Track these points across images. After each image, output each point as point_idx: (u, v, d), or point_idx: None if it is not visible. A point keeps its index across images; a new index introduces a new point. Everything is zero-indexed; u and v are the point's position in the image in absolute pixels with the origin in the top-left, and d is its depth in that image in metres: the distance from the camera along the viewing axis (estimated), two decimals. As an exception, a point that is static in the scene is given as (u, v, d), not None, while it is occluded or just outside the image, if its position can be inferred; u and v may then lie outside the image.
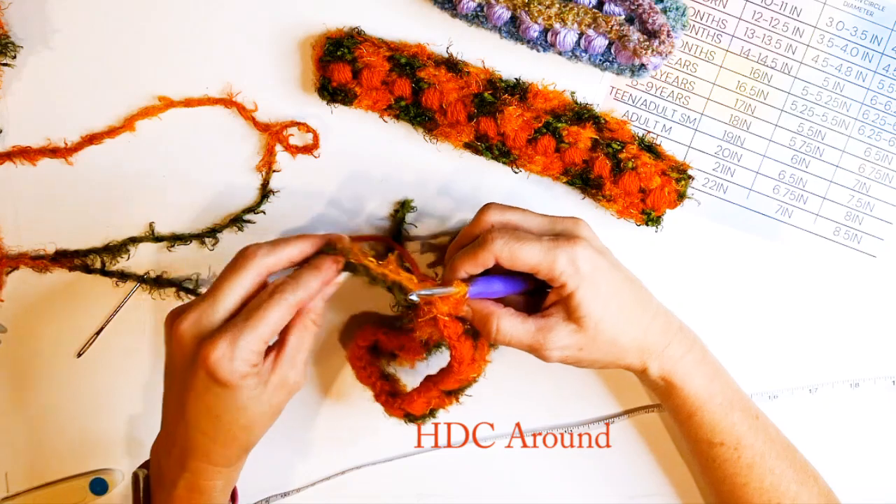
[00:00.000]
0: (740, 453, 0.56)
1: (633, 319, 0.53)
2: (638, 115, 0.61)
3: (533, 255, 0.51)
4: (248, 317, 0.49)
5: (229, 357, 0.48)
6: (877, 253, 0.62)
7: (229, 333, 0.48)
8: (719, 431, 0.56)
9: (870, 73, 0.60)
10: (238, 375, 0.48)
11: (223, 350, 0.48)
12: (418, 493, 0.66)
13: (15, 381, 0.64)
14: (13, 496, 0.65)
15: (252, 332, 0.48)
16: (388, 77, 0.58)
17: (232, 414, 0.50)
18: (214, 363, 0.48)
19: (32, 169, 0.61)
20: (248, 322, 0.49)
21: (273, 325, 0.49)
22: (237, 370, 0.48)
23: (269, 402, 0.51)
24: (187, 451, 0.52)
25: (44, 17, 0.59)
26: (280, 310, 0.49)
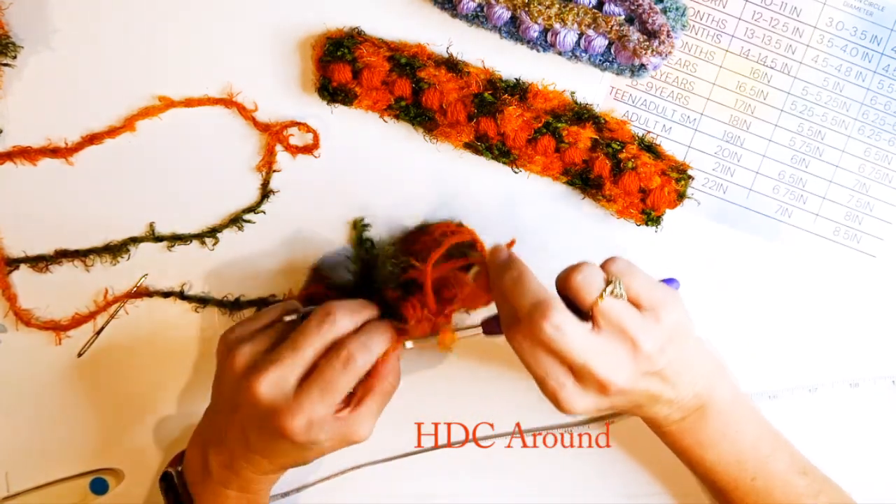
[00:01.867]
0: None
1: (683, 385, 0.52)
2: (638, 115, 0.61)
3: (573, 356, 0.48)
4: (323, 388, 0.51)
5: (307, 427, 0.51)
6: (877, 253, 0.62)
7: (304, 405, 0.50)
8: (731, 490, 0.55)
9: (870, 73, 0.60)
10: (310, 440, 0.51)
11: (302, 424, 0.50)
12: (418, 493, 0.66)
13: (15, 381, 0.64)
14: (13, 496, 0.65)
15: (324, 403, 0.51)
16: (388, 77, 0.58)
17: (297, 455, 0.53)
18: (293, 433, 0.50)
19: (32, 169, 0.61)
20: (323, 394, 0.51)
21: (344, 393, 0.52)
22: (313, 437, 0.51)
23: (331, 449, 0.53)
24: (240, 462, 0.54)
25: (44, 17, 0.59)
26: (350, 378, 0.51)
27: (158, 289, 0.62)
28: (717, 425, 0.54)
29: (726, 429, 0.54)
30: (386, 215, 0.62)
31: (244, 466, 0.54)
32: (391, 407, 0.64)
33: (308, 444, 0.51)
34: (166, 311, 0.63)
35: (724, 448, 0.54)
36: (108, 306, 0.62)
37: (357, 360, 0.52)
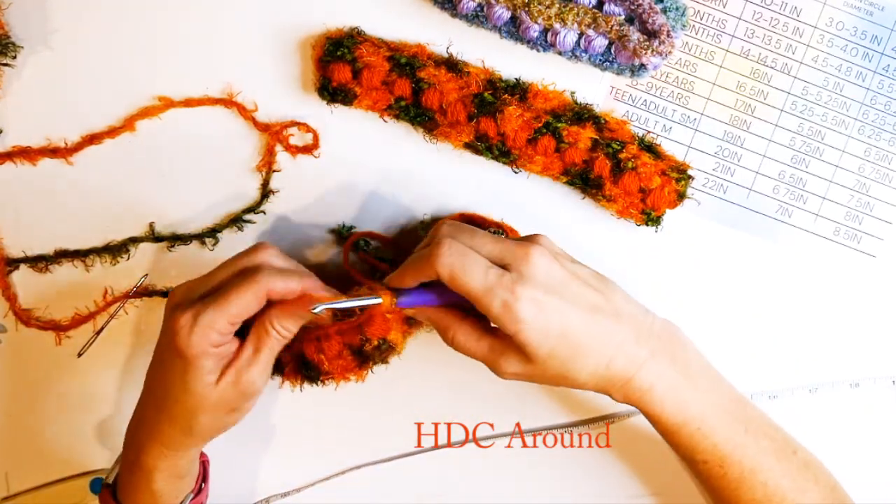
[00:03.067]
0: (726, 470, 0.54)
1: (589, 355, 0.51)
2: (638, 115, 0.61)
3: (471, 287, 0.49)
4: (217, 295, 0.50)
5: (190, 327, 0.49)
6: (877, 253, 0.62)
7: (196, 306, 0.50)
8: (700, 452, 0.54)
9: (870, 73, 0.60)
10: (193, 349, 0.50)
11: (187, 319, 0.49)
12: (418, 493, 0.66)
13: (15, 381, 0.64)
14: (13, 496, 0.65)
15: (217, 309, 0.49)
16: (388, 77, 0.58)
17: (180, 392, 0.51)
18: (176, 330, 0.49)
19: (32, 169, 0.61)
20: (216, 299, 0.50)
21: (241, 306, 0.50)
22: (193, 342, 0.49)
23: (221, 394, 0.51)
24: (140, 428, 0.54)
25: (44, 17, 0.59)
26: (248, 293, 0.50)
27: (158, 289, 0.62)
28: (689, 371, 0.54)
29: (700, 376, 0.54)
30: (385, 215, 0.62)
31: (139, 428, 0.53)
32: (391, 407, 0.64)
33: (194, 356, 0.49)
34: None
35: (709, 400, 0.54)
36: (107, 306, 0.62)
37: (259, 278, 0.50)
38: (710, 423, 0.53)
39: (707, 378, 0.54)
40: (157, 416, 0.53)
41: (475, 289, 0.49)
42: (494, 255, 0.51)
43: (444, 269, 0.49)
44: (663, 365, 0.52)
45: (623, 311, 0.52)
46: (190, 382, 0.51)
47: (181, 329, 0.49)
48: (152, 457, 0.53)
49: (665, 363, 0.53)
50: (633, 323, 0.52)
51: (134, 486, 0.55)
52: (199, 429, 0.53)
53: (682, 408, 0.53)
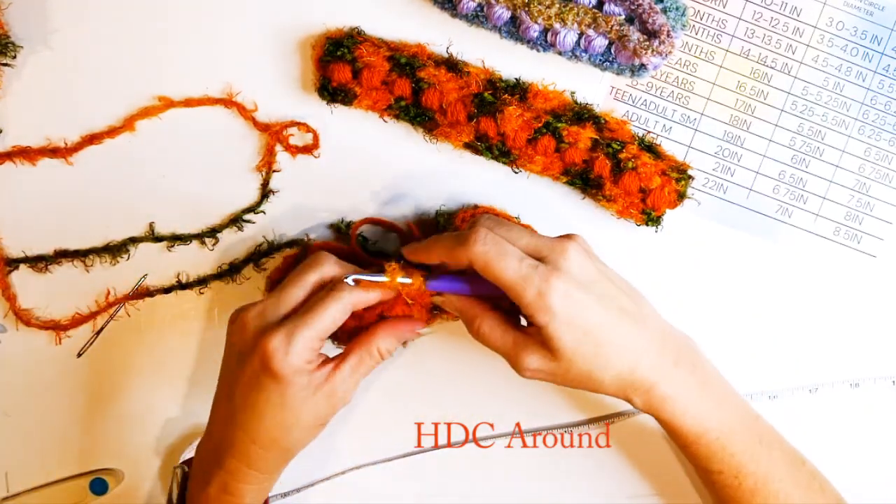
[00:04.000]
0: (741, 480, 0.54)
1: (615, 357, 0.51)
2: (638, 115, 0.61)
3: (506, 275, 0.49)
4: (306, 312, 0.51)
5: (285, 349, 0.50)
6: (877, 253, 0.62)
7: (287, 326, 0.50)
8: (717, 462, 0.54)
9: (870, 73, 0.60)
10: (291, 369, 0.50)
11: (280, 341, 0.50)
12: (418, 493, 0.66)
13: (15, 381, 0.64)
14: (13, 496, 0.65)
15: (308, 327, 0.50)
16: (388, 77, 0.58)
17: (276, 411, 0.51)
18: (270, 354, 0.50)
19: (32, 169, 0.61)
20: (305, 317, 0.50)
21: (329, 322, 0.51)
22: (291, 363, 0.50)
23: (315, 409, 0.52)
24: (226, 449, 0.53)
25: (44, 17, 0.59)
26: (336, 307, 0.51)
27: (158, 289, 0.62)
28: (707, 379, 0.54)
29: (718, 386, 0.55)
30: (385, 215, 0.62)
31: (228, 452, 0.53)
32: (391, 407, 0.64)
33: (290, 376, 0.50)
34: (166, 311, 0.63)
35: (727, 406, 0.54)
36: (108, 307, 0.62)
37: (343, 289, 0.51)
38: (728, 435, 0.53)
39: (724, 391, 0.55)
40: (250, 442, 0.52)
41: (510, 277, 0.49)
42: (530, 247, 0.51)
43: (479, 256, 0.50)
44: (685, 375, 0.53)
45: (649, 318, 0.52)
46: (288, 402, 0.51)
47: (276, 351, 0.50)
48: (241, 479, 0.53)
49: (686, 374, 0.53)
50: (658, 331, 0.52)
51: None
52: (292, 445, 0.53)
53: (701, 419, 0.53)
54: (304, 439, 0.54)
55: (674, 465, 0.65)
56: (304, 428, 0.52)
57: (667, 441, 0.64)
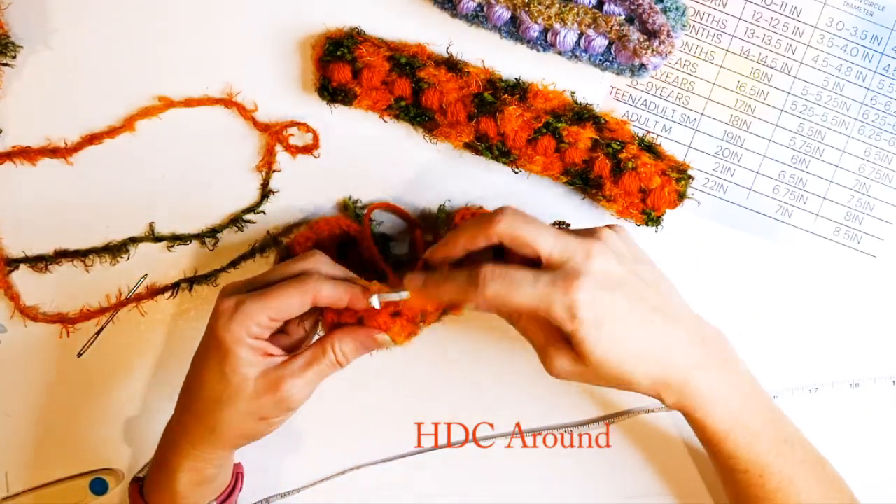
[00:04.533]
0: (765, 479, 0.53)
1: (645, 359, 0.50)
2: (638, 115, 0.61)
3: (527, 304, 0.48)
4: (263, 291, 0.51)
5: (230, 315, 0.50)
6: (877, 253, 0.62)
7: (240, 297, 0.51)
8: (743, 461, 0.53)
9: (870, 73, 0.60)
10: (231, 336, 0.50)
11: (228, 306, 0.50)
12: (418, 493, 0.66)
13: (15, 381, 0.64)
14: (13, 496, 0.65)
15: (260, 300, 0.50)
16: (388, 77, 0.58)
17: (214, 379, 0.51)
18: (216, 315, 0.50)
19: (32, 169, 0.61)
20: (260, 294, 0.50)
21: (284, 304, 0.50)
22: (231, 329, 0.50)
23: (253, 392, 0.51)
24: (171, 424, 0.54)
25: (44, 17, 0.59)
26: (295, 294, 0.50)
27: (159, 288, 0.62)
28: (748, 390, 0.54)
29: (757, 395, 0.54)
30: (385, 215, 0.62)
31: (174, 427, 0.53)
32: (391, 407, 0.64)
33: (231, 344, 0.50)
34: (166, 310, 0.63)
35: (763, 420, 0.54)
36: (119, 307, 0.62)
37: (308, 281, 0.50)
38: (756, 432, 0.53)
39: (751, 388, 0.54)
40: (188, 410, 0.53)
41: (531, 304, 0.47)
42: (555, 253, 0.49)
43: (492, 297, 0.48)
44: (715, 371, 0.52)
45: (680, 314, 0.52)
46: (225, 370, 0.50)
47: (222, 314, 0.50)
48: (178, 455, 0.54)
49: (716, 370, 0.52)
50: (688, 326, 0.52)
51: (158, 483, 0.55)
52: (223, 426, 0.52)
53: (731, 415, 0.52)
54: (241, 426, 0.52)
55: (674, 465, 0.65)
56: (240, 411, 0.51)
57: (666, 441, 0.64)
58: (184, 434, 0.53)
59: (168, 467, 0.54)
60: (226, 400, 0.51)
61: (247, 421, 0.52)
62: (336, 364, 0.53)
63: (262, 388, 0.51)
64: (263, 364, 0.51)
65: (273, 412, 0.52)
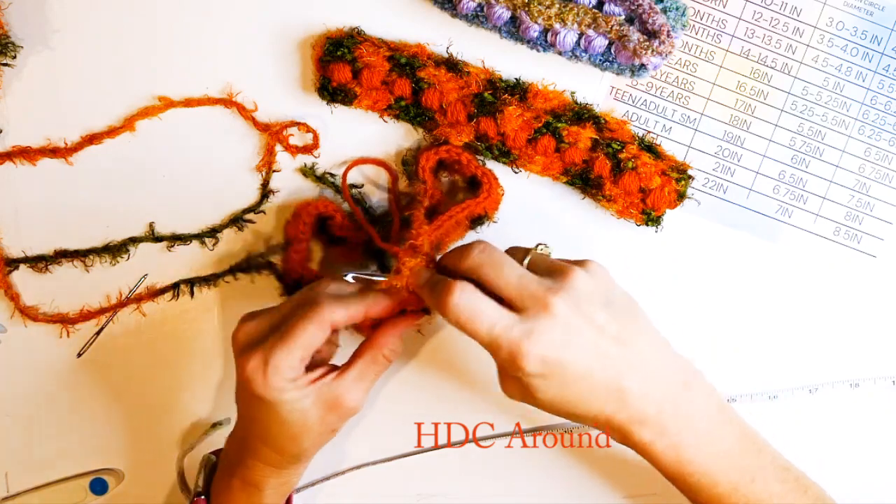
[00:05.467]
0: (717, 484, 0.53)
1: (591, 406, 0.50)
2: (638, 115, 0.61)
3: (478, 337, 0.48)
4: (282, 335, 0.50)
5: (263, 374, 0.50)
6: (877, 253, 0.62)
7: (263, 349, 0.50)
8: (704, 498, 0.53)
9: (870, 73, 0.60)
10: (272, 391, 0.50)
11: (255, 365, 0.50)
12: (418, 493, 0.66)
13: (15, 381, 0.64)
14: (13, 496, 0.65)
15: (283, 349, 0.50)
16: (388, 77, 0.58)
17: (277, 425, 0.52)
18: (249, 379, 0.50)
19: (32, 169, 0.61)
20: (281, 338, 0.50)
21: (305, 343, 0.50)
22: (270, 386, 0.50)
23: (319, 418, 0.52)
24: (244, 448, 0.55)
25: (44, 17, 0.59)
26: (312, 329, 0.50)
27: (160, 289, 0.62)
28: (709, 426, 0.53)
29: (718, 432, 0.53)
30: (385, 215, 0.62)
31: (246, 451, 0.54)
32: (391, 407, 0.64)
33: (274, 396, 0.50)
34: (165, 310, 0.63)
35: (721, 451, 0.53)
36: (120, 307, 0.62)
37: (320, 311, 0.51)
38: (713, 475, 0.52)
39: (719, 429, 0.53)
40: (262, 446, 0.54)
41: (482, 339, 0.48)
42: (514, 294, 0.49)
43: (452, 317, 0.48)
44: (669, 421, 0.51)
45: (639, 363, 0.50)
46: (283, 416, 0.51)
47: (254, 375, 0.50)
48: (261, 474, 0.55)
49: (670, 418, 0.51)
50: (647, 375, 0.50)
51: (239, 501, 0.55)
52: (303, 451, 0.54)
53: (679, 461, 0.52)
54: (315, 444, 0.54)
55: (674, 465, 0.65)
56: (311, 436, 0.53)
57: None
58: (264, 460, 0.54)
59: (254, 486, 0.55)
60: (297, 434, 0.52)
61: (320, 439, 0.54)
62: (387, 364, 0.54)
63: (324, 411, 0.52)
64: (314, 391, 0.52)
65: (341, 423, 0.54)
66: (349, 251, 0.61)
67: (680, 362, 0.53)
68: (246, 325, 0.53)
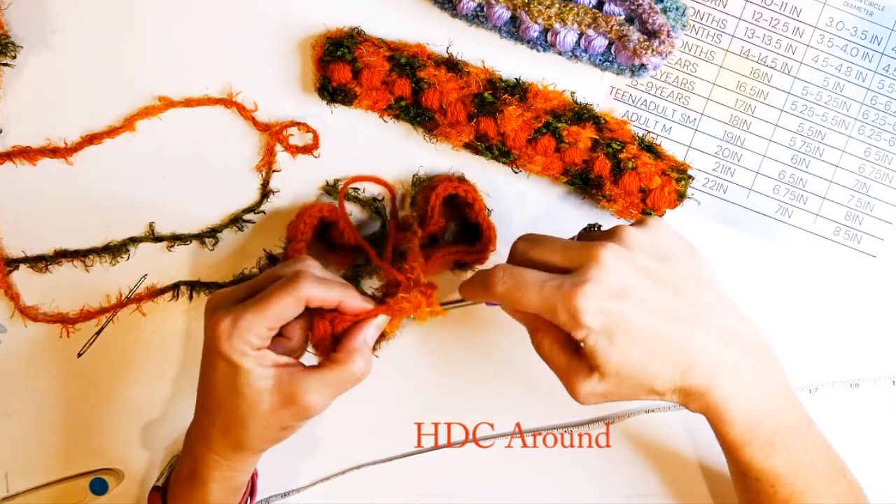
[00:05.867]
0: (777, 489, 0.52)
1: (664, 366, 0.48)
2: (638, 115, 0.61)
3: (532, 306, 0.47)
4: (256, 300, 0.50)
5: (229, 331, 0.49)
6: (877, 253, 0.62)
7: (235, 310, 0.50)
8: (756, 470, 0.52)
9: (870, 73, 0.60)
10: (236, 351, 0.49)
11: (226, 324, 0.49)
12: (418, 493, 0.66)
13: (15, 381, 0.64)
14: (13, 496, 0.65)
15: (254, 314, 0.49)
16: (388, 77, 0.58)
17: (230, 396, 0.51)
18: (217, 335, 0.50)
19: (32, 169, 0.61)
20: (254, 304, 0.50)
21: (278, 311, 0.50)
22: (234, 345, 0.49)
23: (272, 406, 0.50)
24: (193, 433, 0.54)
25: (44, 17, 0.59)
26: (287, 300, 0.50)
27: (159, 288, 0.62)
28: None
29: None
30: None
31: (195, 436, 0.53)
32: (391, 407, 0.64)
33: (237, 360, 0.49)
34: (165, 311, 0.63)
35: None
36: (120, 307, 0.62)
37: (298, 285, 0.50)
38: (775, 445, 0.51)
39: (781, 395, 0.52)
40: (209, 422, 0.52)
41: (536, 307, 0.47)
42: (562, 258, 0.49)
43: (503, 296, 0.48)
44: (744, 379, 0.49)
45: (705, 316, 0.49)
46: (238, 386, 0.50)
47: (221, 333, 0.49)
48: (208, 466, 0.53)
49: (747, 378, 0.50)
50: (715, 330, 0.49)
51: (187, 496, 0.54)
52: (248, 439, 0.52)
53: (752, 426, 0.50)
54: (263, 436, 0.52)
55: (674, 465, 0.65)
56: (261, 424, 0.51)
57: (666, 441, 0.64)
58: (209, 445, 0.53)
59: (198, 479, 0.53)
60: (247, 415, 0.51)
61: (269, 432, 0.52)
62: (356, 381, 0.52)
63: (279, 402, 0.50)
64: (275, 375, 0.50)
65: (294, 422, 0.52)
66: (346, 257, 0.60)
67: (751, 324, 0.51)
68: (220, 292, 0.53)
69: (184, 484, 0.54)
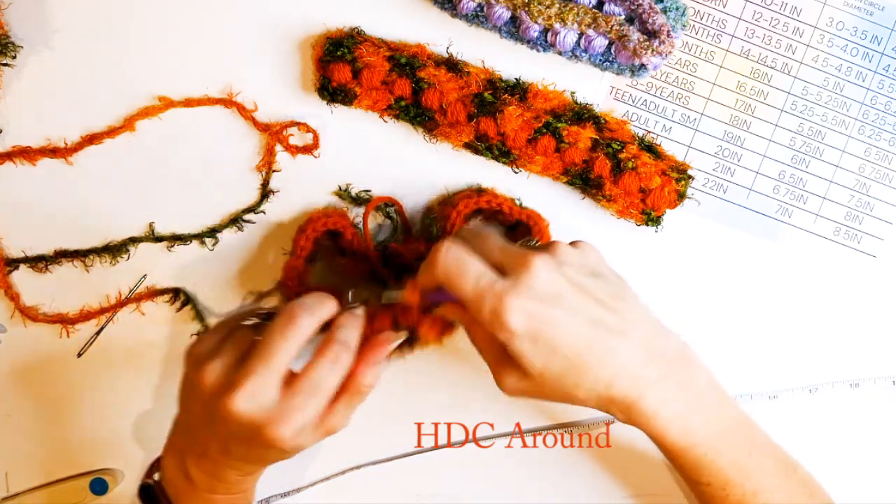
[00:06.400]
0: (728, 492, 0.52)
1: (587, 372, 0.48)
2: (638, 115, 0.61)
3: (463, 292, 0.48)
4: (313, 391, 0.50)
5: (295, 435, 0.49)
6: (877, 253, 0.62)
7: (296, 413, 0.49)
8: (705, 474, 0.52)
9: (870, 73, 0.60)
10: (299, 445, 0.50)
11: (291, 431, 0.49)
12: (418, 493, 0.66)
13: (15, 381, 0.64)
14: (13, 496, 0.65)
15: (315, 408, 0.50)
16: (388, 77, 0.58)
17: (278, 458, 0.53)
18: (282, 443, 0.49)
19: (32, 169, 0.61)
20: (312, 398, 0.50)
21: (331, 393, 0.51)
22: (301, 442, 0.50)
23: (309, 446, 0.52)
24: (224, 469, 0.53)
25: (44, 17, 0.59)
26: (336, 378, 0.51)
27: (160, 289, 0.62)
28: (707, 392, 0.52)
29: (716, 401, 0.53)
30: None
31: (228, 472, 0.53)
32: (391, 407, 0.64)
33: (297, 447, 0.50)
34: (165, 311, 0.63)
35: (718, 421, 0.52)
36: (119, 307, 0.62)
37: (342, 359, 0.51)
38: (716, 448, 0.52)
39: (716, 402, 0.52)
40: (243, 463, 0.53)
41: (466, 294, 0.48)
42: (498, 260, 0.49)
43: (442, 274, 0.49)
44: (671, 389, 0.50)
45: (633, 330, 0.50)
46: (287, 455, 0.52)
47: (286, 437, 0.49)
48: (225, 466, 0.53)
49: (673, 387, 0.50)
50: (642, 343, 0.50)
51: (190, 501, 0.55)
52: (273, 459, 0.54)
53: (687, 433, 0.51)
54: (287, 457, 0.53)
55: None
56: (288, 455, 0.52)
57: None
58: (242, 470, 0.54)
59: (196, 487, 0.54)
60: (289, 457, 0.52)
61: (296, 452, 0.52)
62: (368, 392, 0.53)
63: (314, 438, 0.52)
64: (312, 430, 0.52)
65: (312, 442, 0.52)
66: (354, 265, 0.60)
67: (675, 338, 0.52)
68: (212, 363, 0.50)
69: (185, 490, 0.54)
